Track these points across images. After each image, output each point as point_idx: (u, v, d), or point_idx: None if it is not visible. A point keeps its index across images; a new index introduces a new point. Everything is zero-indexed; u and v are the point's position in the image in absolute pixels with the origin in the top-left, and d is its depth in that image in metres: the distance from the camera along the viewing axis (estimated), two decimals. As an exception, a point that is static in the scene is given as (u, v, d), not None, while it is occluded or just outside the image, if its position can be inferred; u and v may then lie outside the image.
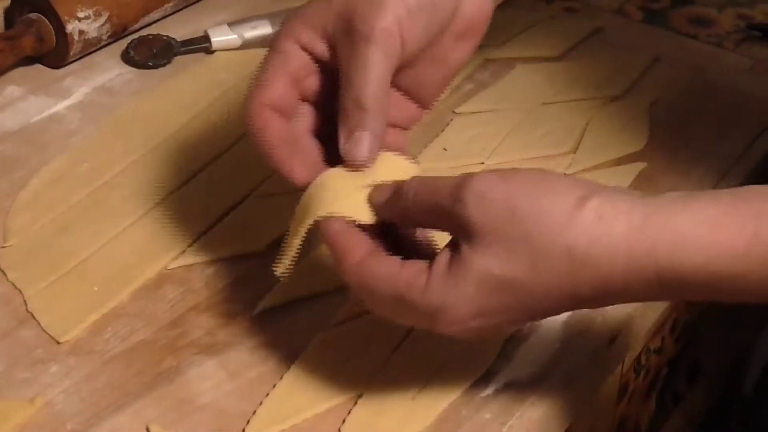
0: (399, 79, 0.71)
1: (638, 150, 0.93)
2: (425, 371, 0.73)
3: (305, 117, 0.71)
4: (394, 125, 0.72)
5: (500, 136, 0.93)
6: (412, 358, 0.74)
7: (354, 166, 0.67)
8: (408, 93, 0.73)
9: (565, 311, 0.63)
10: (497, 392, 0.73)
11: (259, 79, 0.69)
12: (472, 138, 0.93)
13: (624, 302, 0.62)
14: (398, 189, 0.65)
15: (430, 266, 0.62)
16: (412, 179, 0.65)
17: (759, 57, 1.07)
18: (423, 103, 0.73)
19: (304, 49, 0.69)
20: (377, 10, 0.67)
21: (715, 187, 0.89)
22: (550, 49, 1.04)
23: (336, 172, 0.68)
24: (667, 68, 1.03)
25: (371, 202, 0.66)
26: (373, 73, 0.66)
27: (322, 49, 0.69)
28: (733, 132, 0.96)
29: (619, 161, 0.92)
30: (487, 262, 0.60)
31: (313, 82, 0.70)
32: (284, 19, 0.70)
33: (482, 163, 0.90)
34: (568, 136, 0.94)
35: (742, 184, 0.91)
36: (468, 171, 0.87)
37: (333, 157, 0.69)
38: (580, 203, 0.59)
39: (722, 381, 1.09)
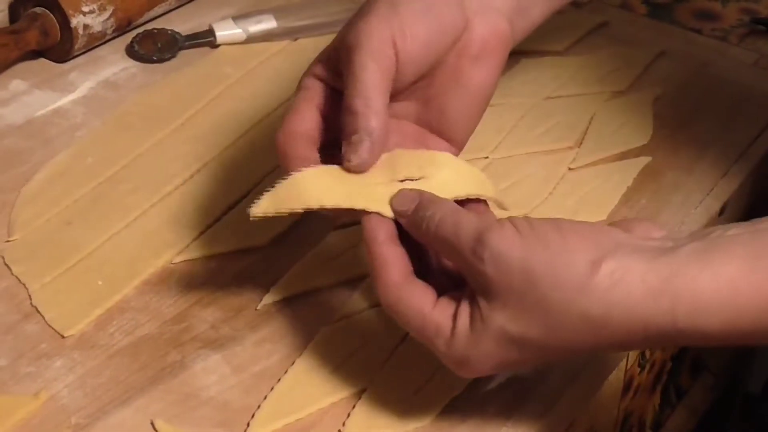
0: (421, 113, 0.72)
1: (643, 144, 0.93)
2: (429, 366, 0.73)
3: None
4: None
5: (504, 130, 0.93)
6: (416, 353, 0.74)
7: (353, 170, 0.67)
8: (436, 129, 0.73)
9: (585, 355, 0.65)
10: (501, 387, 0.73)
11: (288, 111, 0.71)
12: (476, 132, 0.92)
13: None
14: (421, 212, 0.66)
15: (455, 317, 0.63)
16: (436, 207, 0.65)
17: (763, 51, 1.07)
18: (453, 140, 0.73)
19: (320, 80, 0.71)
20: (366, 24, 0.68)
21: (719, 182, 0.89)
22: (555, 44, 1.03)
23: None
24: (672, 62, 1.03)
25: (393, 207, 0.67)
26: (363, 77, 0.67)
27: (331, 76, 0.70)
28: (738, 126, 0.95)
29: (624, 155, 0.92)
30: (503, 322, 0.62)
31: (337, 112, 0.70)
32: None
33: (486, 158, 0.90)
34: (573, 130, 0.94)
35: (747, 178, 0.91)
36: (473, 165, 0.88)
37: None
38: (595, 267, 0.59)
39: (725, 376, 1.09)
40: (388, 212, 0.67)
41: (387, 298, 0.65)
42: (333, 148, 0.69)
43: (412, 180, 0.68)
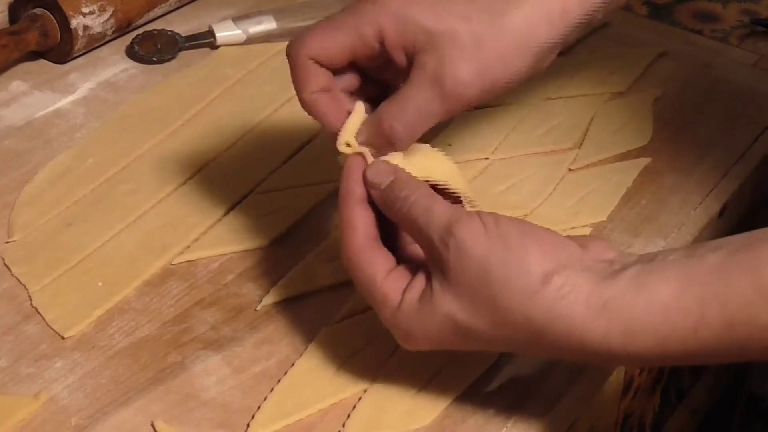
0: None
1: (643, 145, 0.93)
2: (430, 366, 0.73)
3: (349, 80, 0.73)
4: None
5: (505, 131, 0.93)
6: (417, 354, 0.74)
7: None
8: None
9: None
10: (502, 388, 0.73)
11: (320, 27, 0.70)
12: (476, 133, 0.93)
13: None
14: (396, 191, 0.67)
15: (405, 291, 0.66)
16: (411, 189, 0.67)
17: (764, 52, 1.07)
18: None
19: (374, 37, 0.70)
20: (460, 62, 0.68)
21: (719, 183, 0.89)
22: (555, 45, 1.03)
23: None
24: (672, 63, 1.03)
25: (366, 178, 0.68)
26: (424, 112, 0.69)
27: (392, 39, 0.69)
28: (738, 127, 0.95)
29: (624, 156, 0.92)
30: (453, 308, 0.64)
31: (365, 53, 0.71)
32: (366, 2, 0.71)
33: (486, 159, 0.90)
34: (573, 131, 0.94)
35: (747, 179, 0.91)
36: (473, 166, 0.88)
37: None
38: (546, 279, 0.62)
39: (726, 377, 1.09)
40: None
41: (347, 259, 0.67)
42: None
43: None
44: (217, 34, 1.03)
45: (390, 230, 0.70)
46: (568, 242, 0.65)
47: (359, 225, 0.68)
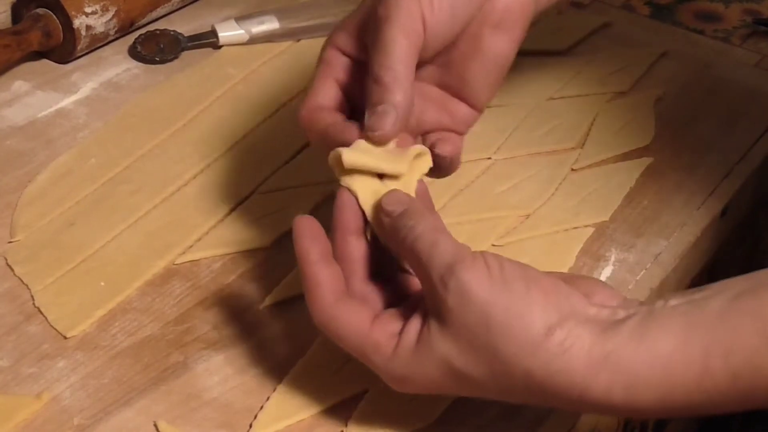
0: (443, 78, 0.73)
1: (645, 145, 0.93)
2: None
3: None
4: (450, 130, 0.74)
5: (507, 131, 0.93)
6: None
7: (375, 140, 0.68)
8: (456, 93, 0.73)
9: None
10: (503, 388, 0.73)
11: (309, 87, 0.71)
12: (478, 133, 0.92)
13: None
14: (405, 220, 0.65)
15: (400, 334, 0.64)
16: (418, 219, 0.65)
17: (766, 52, 1.07)
18: (473, 104, 0.74)
19: (343, 53, 0.71)
20: None
21: (721, 182, 0.89)
22: (557, 44, 1.04)
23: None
24: (674, 63, 1.03)
25: (383, 206, 0.67)
26: (393, 50, 0.68)
27: (356, 48, 0.71)
28: (740, 127, 0.96)
29: (626, 156, 0.92)
30: (451, 353, 0.62)
31: (359, 84, 0.71)
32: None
33: (489, 158, 0.90)
34: (575, 131, 0.94)
35: (749, 179, 0.91)
36: (475, 166, 0.88)
37: None
38: (549, 332, 0.61)
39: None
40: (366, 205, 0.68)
41: (320, 318, 0.65)
42: (352, 117, 0.70)
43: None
44: (220, 34, 1.03)
45: (387, 264, 0.68)
46: (571, 292, 0.63)
47: (325, 282, 0.65)
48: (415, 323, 0.64)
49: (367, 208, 0.68)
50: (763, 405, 0.59)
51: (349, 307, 0.65)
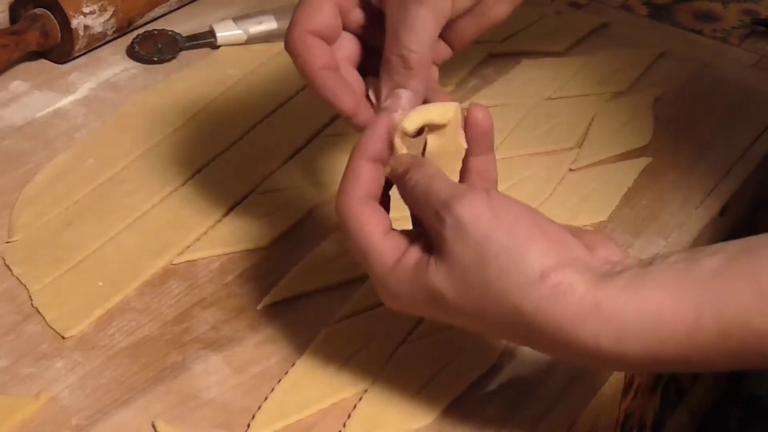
0: None
1: (643, 145, 0.93)
2: (430, 367, 0.73)
3: (347, 47, 0.72)
4: None
5: (505, 131, 0.93)
6: (417, 354, 0.74)
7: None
8: (442, 37, 0.74)
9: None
10: (502, 387, 0.73)
11: (304, 5, 0.70)
12: (477, 133, 0.93)
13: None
14: (406, 174, 0.66)
15: (402, 254, 0.64)
16: (416, 170, 0.66)
17: (764, 52, 1.07)
18: (453, 47, 0.76)
19: None
20: None
21: (720, 182, 0.89)
22: (556, 45, 1.04)
23: None
24: (672, 63, 1.03)
25: (390, 171, 0.67)
26: (422, 33, 0.68)
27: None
28: (739, 127, 0.96)
29: (624, 156, 0.92)
30: (443, 285, 0.63)
31: (358, 14, 0.72)
32: None
33: (487, 159, 0.90)
34: (573, 131, 0.94)
35: (748, 179, 0.91)
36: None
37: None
38: (543, 276, 0.61)
39: (725, 377, 1.09)
40: None
41: (343, 209, 0.66)
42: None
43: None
44: (218, 34, 1.03)
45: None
46: (575, 243, 0.63)
47: (364, 178, 0.66)
48: (415, 249, 0.64)
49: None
50: (752, 364, 0.60)
51: (373, 211, 0.66)
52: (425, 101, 0.70)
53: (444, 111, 0.68)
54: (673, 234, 0.85)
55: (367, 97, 0.71)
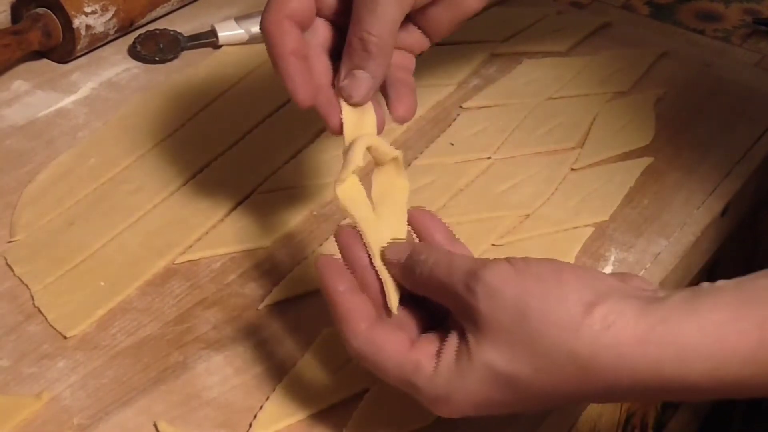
0: (412, 15, 0.73)
1: (645, 145, 0.93)
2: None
3: (320, 32, 0.72)
4: (402, 48, 0.75)
5: (507, 130, 0.93)
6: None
7: (350, 103, 0.69)
8: (418, 26, 0.75)
9: (567, 405, 0.64)
10: (503, 387, 0.72)
11: None
12: (478, 133, 0.93)
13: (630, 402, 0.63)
14: (414, 257, 0.65)
15: (439, 353, 0.62)
16: (429, 252, 0.65)
17: (766, 52, 1.07)
18: (431, 37, 0.76)
19: None
20: None
21: (721, 182, 0.89)
22: (557, 44, 1.04)
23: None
24: (674, 63, 1.03)
25: (386, 258, 0.66)
26: (383, 18, 0.68)
27: None
28: (740, 126, 0.95)
29: (626, 156, 0.92)
30: (492, 358, 0.60)
31: (332, 0, 0.71)
32: None
33: (489, 158, 0.90)
34: (575, 131, 0.94)
35: (749, 179, 0.91)
36: (475, 166, 0.88)
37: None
38: (588, 310, 0.58)
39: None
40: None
41: (357, 344, 0.64)
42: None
43: None
44: (220, 34, 1.03)
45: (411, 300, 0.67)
46: (605, 275, 0.62)
47: (357, 310, 0.64)
48: (452, 340, 0.62)
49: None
50: None
51: (386, 331, 0.64)
52: (388, 88, 0.72)
53: (389, 150, 0.69)
54: (675, 234, 0.85)
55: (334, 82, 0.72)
